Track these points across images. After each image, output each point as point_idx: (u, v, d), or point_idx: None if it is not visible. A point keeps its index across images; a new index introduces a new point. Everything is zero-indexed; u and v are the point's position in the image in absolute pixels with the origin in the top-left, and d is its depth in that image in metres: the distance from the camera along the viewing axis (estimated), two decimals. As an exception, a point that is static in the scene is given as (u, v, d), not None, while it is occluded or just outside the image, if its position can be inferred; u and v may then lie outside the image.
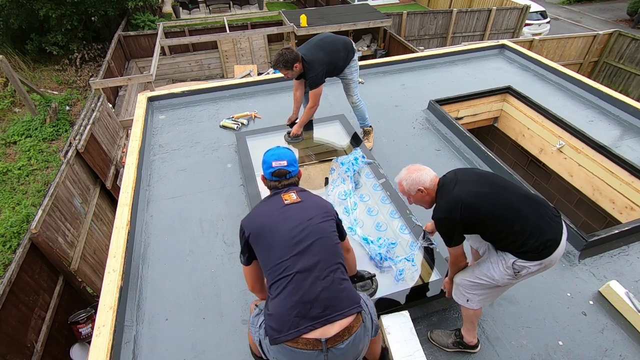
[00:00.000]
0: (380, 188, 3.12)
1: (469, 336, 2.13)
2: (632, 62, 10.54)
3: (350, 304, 1.52)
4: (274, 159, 1.81)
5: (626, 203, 3.41)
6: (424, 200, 1.98)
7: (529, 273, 1.79)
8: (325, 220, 1.70)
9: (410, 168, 1.98)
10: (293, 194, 1.76)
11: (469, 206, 1.77)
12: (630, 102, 4.23)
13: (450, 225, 1.82)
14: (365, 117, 3.73)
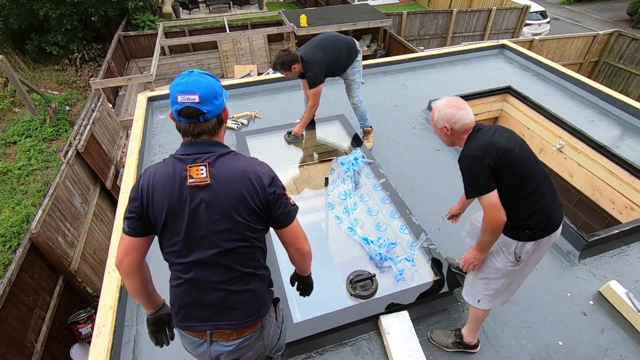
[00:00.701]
0: (380, 188, 3.12)
1: (469, 336, 2.11)
2: (632, 62, 10.54)
3: (245, 316, 1.38)
4: (179, 91, 1.26)
5: (626, 203, 3.41)
6: (445, 137, 1.88)
7: (527, 256, 1.79)
8: (240, 221, 1.30)
9: (451, 101, 1.82)
10: (202, 169, 1.28)
11: (505, 150, 1.68)
12: (630, 102, 4.23)
13: (480, 165, 1.66)
14: (365, 118, 3.73)
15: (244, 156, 1.38)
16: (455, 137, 1.83)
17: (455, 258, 2.57)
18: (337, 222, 2.96)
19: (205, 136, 1.33)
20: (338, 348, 2.16)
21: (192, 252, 1.33)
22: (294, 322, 2.13)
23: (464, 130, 1.79)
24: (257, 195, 1.31)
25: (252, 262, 1.40)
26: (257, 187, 1.31)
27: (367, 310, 2.23)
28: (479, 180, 1.68)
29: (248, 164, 1.35)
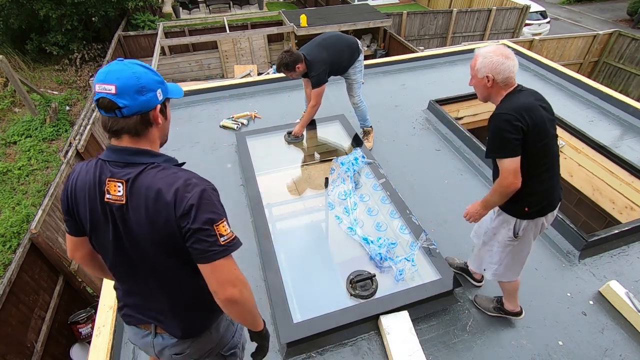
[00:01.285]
0: (380, 188, 3.12)
1: (510, 305, 2.21)
2: (632, 62, 10.53)
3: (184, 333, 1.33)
4: (98, 79, 1.09)
5: (626, 203, 3.41)
6: (482, 89, 1.77)
7: (524, 232, 1.86)
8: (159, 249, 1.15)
9: (500, 49, 1.71)
10: (120, 186, 1.11)
11: (541, 120, 1.65)
12: (630, 102, 4.23)
13: (512, 127, 1.61)
14: (366, 118, 3.73)
15: (170, 171, 1.14)
16: (495, 90, 1.74)
17: (455, 258, 2.57)
18: (337, 222, 2.96)
19: (127, 137, 1.14)
20: (338, 348, 2.16)
21: (124, 273, 1.28)
22: (293, 322, 2.13)
23: (505, 84, 1.71)
24: (170, 222, 1.10)
25: (188, 289, 1.27)
26: (169, 214, 1.09)
27: (367, 310, 2.22)
28: (507, 143, 1.63)
29: (167, 183, 1.10)
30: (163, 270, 1.21)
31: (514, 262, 1.99)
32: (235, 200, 3.14)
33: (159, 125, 1.20)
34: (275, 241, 2.64)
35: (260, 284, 2.49)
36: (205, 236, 1.09)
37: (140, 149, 1.15)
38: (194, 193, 1.10)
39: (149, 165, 1.13)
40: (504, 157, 1.66)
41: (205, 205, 1.11)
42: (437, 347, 2.17)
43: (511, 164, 1.65)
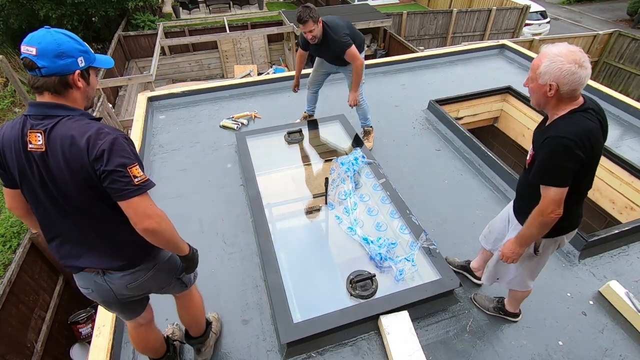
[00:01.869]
0: (380, 188, 3.12)
1: (511, 307, 2.23)
2: (632, 62, 10.54)
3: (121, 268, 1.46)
4: (24, 42, 1.23)
5: (626, 203, 3.41)
6: (539, 96, 1.54)
7: (544, 249, 1.79)
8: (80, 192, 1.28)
9: (574, 54, 1.42)
10: (39, 136, 1.24)
11: (598, 149, 1.50)
12: (630, 102, 4.23)
13: (573, 156, 1.44)
14: (367, 117, 3.72)
15: (83, 121, 1.28)
16: (555, 102, 1.50)
17: (456, 258, 2.57)
18: (337, 222, 2.96)
19: (48, 94, 1.27)
20: (338, 348, 2.16)
21: (56, 222, 1.38)
22: (293, 322, 2.13)
23: (569, 97, 1.47)
24: (84, 166, 1.24)
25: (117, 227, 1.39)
26: (83, 158, 1.23)
27: (367, 310, 2.22)
28: (561, 171, 1.47)
29: (80, 131, 1.24)
30: (90, 213, 1.35)
31: (529, 275, 1.98)
32: (235, 200, 3.15)
33: (80, 89, 1.32)
34: (275, 241, 2.64)
35: (260, 284, 2.49)
36: (120, 177, 1.24)
37: (57, 103, 1.28)
38: (106, 140, 1.25)
39: (64, 117, 1.27)
40: (553, 185, 1.50)
41: (117, 150, 1.25)
42: (437, 347, 2.17)
43: (557, 194, 1.50)
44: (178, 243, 1.48)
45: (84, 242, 1.42)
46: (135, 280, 1.50)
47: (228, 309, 2.36)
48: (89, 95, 1.39)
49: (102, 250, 1.43)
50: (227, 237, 2.83)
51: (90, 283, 1.52)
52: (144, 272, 1.52)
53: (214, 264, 2.63)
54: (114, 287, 1.50)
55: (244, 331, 2.23)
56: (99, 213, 1.36)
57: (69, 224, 1.38)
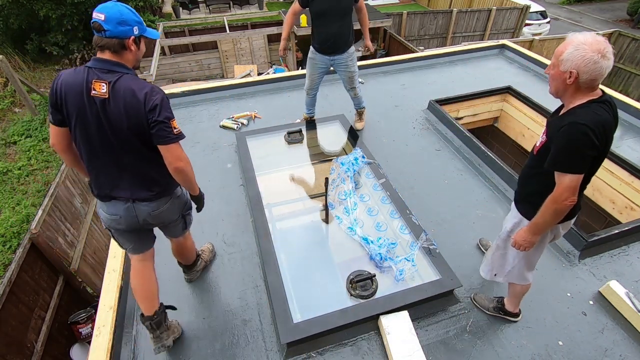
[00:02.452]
0: (380, 188, 3.12)
1: (511, 306, 2.23)
2: (632, 62, 10.54)
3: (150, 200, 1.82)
4: (96, 9, 1.57)
5: (626, 203, 3.41)
6: (559, 83, 1.54)
7: (544, 240, 1.83)
8: (132, 133, 1.63)
9: (599, 43, 1.43)
10: (104, 85, 1.57)
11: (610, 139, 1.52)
12: (630, 102, 4.23)
13: (590, 143, 1.45)
14: (362, 102, 3.80)
15: (139, 80, 1.64)
16: (572, 90, 1.52)
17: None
18: (337, 222, 2.96)
19: (109, 52, 1.61)
20: (338, 348, 2.16)
21: (99, 155, 1.70)
22: (293, 322, 2.13)
23: (587, 87, 1.49)
24: (140, 114, 1.60)
25: (153, 164, 1.76)
26: (140, 108, 1.59)
27: (367, 310, 2.22)
28: (579, 158, 1.48)
29: (139, 87, 1.60)
30: (133, 151, 1.70)
31: (526, 266, 1.98)
32: (235, 200, 3.15)
33: (132, 52, 1.67)
34: (275, 241, 2.64)
35: (260, 284, 2.49)
36: (165, 127, 1.63)
37: (118, 62, 1.63)
38: (158, 97, 1.62)
39: (125, 74, 1.62)
40: (570, 172, 1.51)
41: (165, 106, 1.64)
42: (437, 347, 2.17)
43: (573, 181, 1.51)
44: (194, 183, 1.88)
45: (120, 176, 1.75)
46: (157, 208, 1.86)
47: (228, 309, 2.36)
48: (138, 58, 1.73)
49: (135, 183, 1.78)
50: (227, 237, 2.82)
51: (120, 210, 1.81)
52: (163, 203, 1.88)
53: (214, 264, 2.63)
54: (139, 215, 1.84)
55: (244, 331, 2.23)
56: (140, 152, 1.71)
57: (111, 159, 1.71)
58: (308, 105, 3.89)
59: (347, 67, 3.46)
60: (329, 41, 3.34)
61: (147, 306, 1.97)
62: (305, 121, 3.99)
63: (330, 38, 3.33)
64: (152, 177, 1.80)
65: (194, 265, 2.45)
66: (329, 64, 3.50)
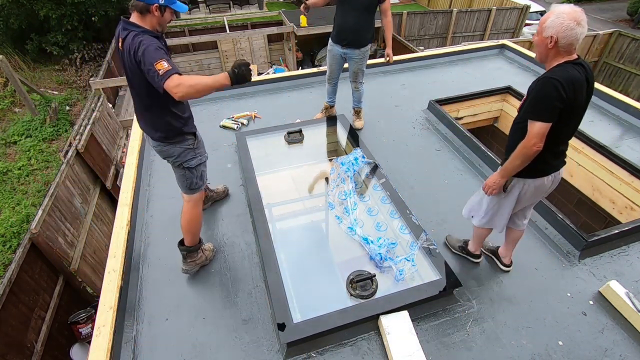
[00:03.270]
0: (380, 188, 3.12)
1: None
2: (632, 62, 10.54)
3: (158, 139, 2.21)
4: None
5: (626, 203, 3.41)
6: (542, 48, 1.79)
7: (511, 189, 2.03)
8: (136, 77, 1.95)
9: (576, 13, 1.68)
10: (120, 41, 1.94)
11: (580, 97, 1.75)
12: (630, 102, 4.23)
13: (557, 95, 1.69)
14: (361, 100, 3.82)
15: (140, 37, 1.90)
16: (554, 53, 1.76)
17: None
18: (337, 222, 2.96)
19: (135, 13, 1.96)
20: (338, 348, 2.16)
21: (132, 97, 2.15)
22: (293, 322, 2.13)
23: (565, 51, 1.72)
24: (134, 66, 1.91)
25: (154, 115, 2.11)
26: (133, 61, 1.90)
27: (367, 310, 2.23)
28: (548, 107, 1.71)
29: (134, 42, 1.88)
30: (144, 95, 2.04)
31: (498, 214, 2.20)
32: (235, 200, 3.14)
33: (155, 17, 1.97)
34: (275, 241, 2.64)
35: (260, 284, 2.49)
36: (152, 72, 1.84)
37: (135, 23, 1.96)
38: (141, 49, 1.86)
39: (133, 32, 1.92)
40: (539, 120, 1.73)
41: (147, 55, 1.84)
42: (437, 347, 2.17)
43: (542, 128, 1.73)
44: (211, 87, 1.92)
45: (142, 116, 2.17)
46: (159, 149, 2.25)
47: (228, 308, 2.36)
48: (161, 23, 2.02)
49: (147, 125, 2.18)
50: (227, 237, 2.83)
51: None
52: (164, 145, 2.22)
53: (214, 264, 2.63)
54: (151, 145, 2.29)
55: (244, 331, 2.23)
56: (147, 99, 2.04)
57: (136, 103, 2.14)
58: (329, 94, 3.94)
59: (356, 63, 3.50)
60: (344, 33, 3.38)
61: (186, 239, 2.39)
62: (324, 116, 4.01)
63: (346, 30, 3.35)
64: (154, 123, 2.14)
65: (192, 253, 2.46)
66: (344, 55, 3.54)
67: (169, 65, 1.82)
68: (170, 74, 1.81)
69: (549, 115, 1.72)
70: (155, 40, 1.91)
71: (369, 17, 3.32)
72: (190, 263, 2.47)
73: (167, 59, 1.85)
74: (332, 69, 3.68)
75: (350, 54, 3.47)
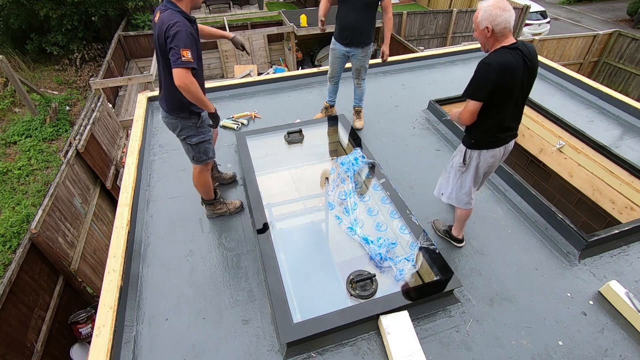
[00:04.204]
0: (380, 188, 3.12)
1: (455, 231, 2.69)
2: (632, 62, 10.53)
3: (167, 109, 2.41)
4: None
5: (626, 203, 3.41)
6: (483, 39, 2.05)
7: (470, 161, 2.31)
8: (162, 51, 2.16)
9: (498, 3, 1.94)
10: (157, 15, 2.16)
11: (512, 83, 1.98)
12: (630, 102, 4.23)
13: (489, 78, 1.96)
14: (363, 98, 3.83)
15: (174, 14, 2.11)
16: (492, 40, 2.01)
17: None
18: (337, 222, 2.96)
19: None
20: (338, 348, 2.16)
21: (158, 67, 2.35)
22: (293, 322, 2.13)
23: (501, 35, 1.97)
24: (161, 39, 2.12)
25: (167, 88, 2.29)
26: (162, 35, 2.10)
27: (367, 310, 2.23)
28: (479, 89, 2.02)
29: (168, 19, 2.09)
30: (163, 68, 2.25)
31: (461, 188, 2.43)
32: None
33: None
34: (275, 241, 2.64)
35: (260, 283, 2.49)
36: (175, 52, 2.05)
37: (173, 2, 2.17)
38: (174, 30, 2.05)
39: (169, 9, 2.14)
40: (472, 98, 2.06)
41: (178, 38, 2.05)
42: (437, 347, 2.17)
43: (472, 106, 2.06)
44: (202, 103, 2.25)
45: (161, 85, 2.37)
46: (167, 120, 2.46)
47: (228, 308, 2.36)
48: (195, 2, 2.26)
49: (163, 93, 2.37)
50: (227, 237, 2.83)
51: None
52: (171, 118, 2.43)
53: (214, 264, 2.63)
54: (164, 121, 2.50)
55: (244, 331, 2.23)
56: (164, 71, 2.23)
57: (159, 72, 2.33)
58: (330, 93, 3.95)
59: (359, 60, 3.52)
60: (347, 32, 3.40)
61: (201, 195, 2.83)
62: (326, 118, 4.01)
63: (349, 28, 3.38)
64: (168, 93, 2.32)
65: (210, 206, 2.89)
66: (347, 54, 3.55)
67: (192, 58, 2.07)
68: (188, 66, 2.07)
69: (479, 95, 2.02)
70: (188, 24, 2.13)
71: (370, 15, 3.33)
72: (209, 210, 2.90)
73: (192, 49, 2.08)
74: (334, 68, 3.69)
75: (354, 52, 3.49)
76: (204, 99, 2.24)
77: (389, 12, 3.42)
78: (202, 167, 2.64)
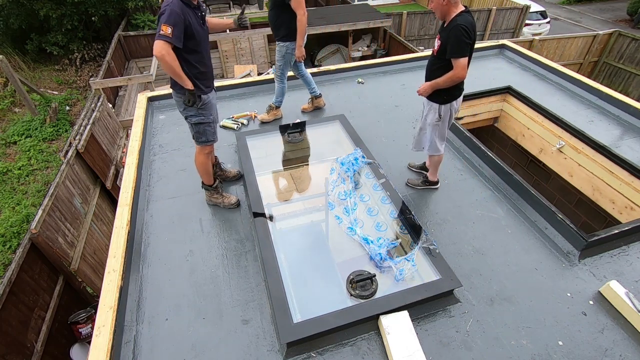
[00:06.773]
0: (380, 188, 3.12)
1: (431, 177, 3.15)
2: (632, 62, 10.53)
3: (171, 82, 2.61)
4: None
5: (626, 203, 3.41)
6: (439, 8, 2.46)
7: (444, 114, 2.75)
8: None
9: None
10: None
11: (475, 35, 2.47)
12: (630, 102, 4.23)
13: (468, 36, 2.39)
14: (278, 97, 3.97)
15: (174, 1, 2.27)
16: (447, 8, 2.44)
17: (415, 162, 3.38)
18: (337, 222, 2.96)
19: None
20: (338, 348, 2.16)
21: None
22: (293, 322, 2.13)
23: (455, 2, 2.42)
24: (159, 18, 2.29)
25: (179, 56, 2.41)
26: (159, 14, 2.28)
27: (367, 310, 2.23)
28: (465, 46, 2.42)
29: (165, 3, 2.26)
30: None
31: (439, 138, 2.89)
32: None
33: None
34: (275, 241, 2.64)
35: (260, 284, 2.49)
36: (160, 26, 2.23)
37: None
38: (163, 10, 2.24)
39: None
40: (463, 56, 2.43)
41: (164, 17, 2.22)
42: (437, 347, 2.17)
43: (465, 61, 2.46)
44: (177, 77, 2.43)
45: None
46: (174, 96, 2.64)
47: (228, 308, 2.36)
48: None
49: None
50: (227, 238, 2.83)
51: None
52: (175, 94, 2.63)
53: (214, 264, 2.63)
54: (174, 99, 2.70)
55: (244, 331, 2.23)
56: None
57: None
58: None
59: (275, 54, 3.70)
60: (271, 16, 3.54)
61: (203, 179, 2.92)
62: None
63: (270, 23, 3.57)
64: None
65: (208, 192, 3.00)
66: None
67: (170, 34, 2.21)
68: (166, 40, 2.22)
69: (467, 51, 2.43)
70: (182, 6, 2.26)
71: (279, 12, 3.40)
72: (206, 195, 3.03)
73: (176, 27, 2.22)
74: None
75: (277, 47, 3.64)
76: (180, 72, 2.39)
77: (299, 13, 3.38)
78: (201, 149, 2.75)
